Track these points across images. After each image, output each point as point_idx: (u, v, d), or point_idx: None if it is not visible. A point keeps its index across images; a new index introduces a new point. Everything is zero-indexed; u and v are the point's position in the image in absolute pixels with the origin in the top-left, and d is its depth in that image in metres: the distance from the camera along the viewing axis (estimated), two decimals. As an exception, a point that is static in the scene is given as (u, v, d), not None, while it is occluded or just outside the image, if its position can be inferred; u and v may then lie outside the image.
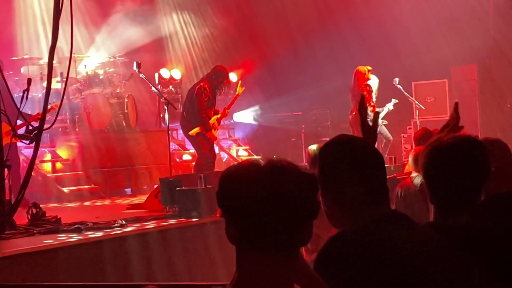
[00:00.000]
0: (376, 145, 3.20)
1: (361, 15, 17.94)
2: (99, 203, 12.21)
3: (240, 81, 13.22)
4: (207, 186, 8.61)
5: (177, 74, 17.66)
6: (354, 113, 13.20)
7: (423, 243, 2.55)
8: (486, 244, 2.72)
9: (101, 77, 14.98)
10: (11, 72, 13.40)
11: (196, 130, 11.55)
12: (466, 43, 17.47)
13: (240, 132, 18.84)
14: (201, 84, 11.67)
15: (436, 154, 2.93)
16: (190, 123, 11.64)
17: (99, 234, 7.39)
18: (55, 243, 6.84)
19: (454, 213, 2.86)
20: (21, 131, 8.39)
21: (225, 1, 18.80)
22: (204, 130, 11.55)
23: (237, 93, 12.37)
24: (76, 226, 7.65)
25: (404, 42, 17.66)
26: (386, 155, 12.44)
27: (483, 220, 2.79)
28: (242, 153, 17.27)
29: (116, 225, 7.81)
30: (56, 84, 13.49)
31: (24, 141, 8.18)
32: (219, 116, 11.89)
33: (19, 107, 7.71)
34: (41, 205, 8.16)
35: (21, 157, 11.95)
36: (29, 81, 8.10)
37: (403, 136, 16.40)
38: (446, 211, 2.89)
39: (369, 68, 13.32)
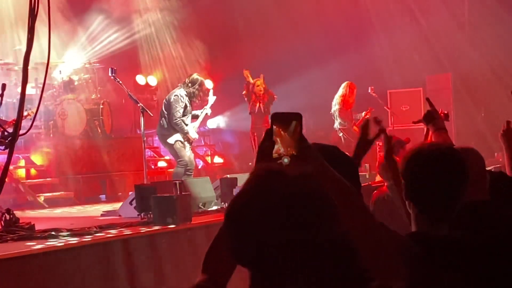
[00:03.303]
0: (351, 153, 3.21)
1: (336, 23, 18.01)
2: (73, 209, 12.13)
3: (211, 90, 13.24)
4: (182, 193, 8.59)
5: (153, 80, 17.63)
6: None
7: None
8: (467, 255, 2.72)
9: (76, 83, 14.91)
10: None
11: (174, 137, 11.52)
12: (441, 52, 17.60)
13: (215, 138, 18.82)
14: (178, 92, 11.66)
15: (419, 163, 2.94)
16: (167, 131, 11.61)
17: (73, 241, 7.35)
18: (28, 250, 6.79)
19: (437, 222, 2.87)
20: (-4, 136, 8.32)
21: (202, 7, 18.78)
22: (182, 134, 11.53)
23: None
24: (49, 232, 7.60)
25: (380, 50, 17.76)
26: (361, 163, 12.49)
27: (461, 230, 2.80)
28: (218, 160, 17.26)
29: (90, 232, 7.77)
30: (31, 90, 13.40)
31: (-2, 146, 8.11)
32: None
33: (-7, 112, 7.65)
34: (14, 212, 8.09)
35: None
36: (3, 86, 8.01)
37: (378, 144, 16.42)
38: (430, 221, 2.89)
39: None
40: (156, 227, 8.25)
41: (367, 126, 3.26)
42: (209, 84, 16.50)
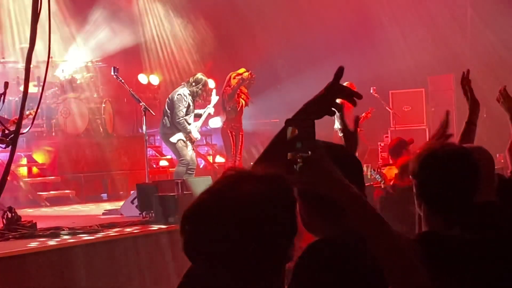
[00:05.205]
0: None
1: (337, 24, 18.00)
2: (75, 208, 12.13)
3: (214, 90, 13.19)
4: (184, 192, 8.59)
5: (155, 79, 17.62)
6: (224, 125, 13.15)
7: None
8: (479, 256, 2.72)
9: (78, 81, 14.91)
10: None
11: (177, 136, 11.53)
12: (443, 52, 17.59)
13: (217, 138, 18.80)
14: (181, 91, 11.67)
15: (432, 163, 2.93)
16: (170, 130, 11.62)
17: (74, 239, 7.35)
18: (30, 248, 6.80)
19: (450, 222, 2.86)
20: (-3, 135, 8.32)
21: (205, 8, 18.79)
22: (184, 134, 11.54)
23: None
24: (51, 231, 7.61)
25: (382, 51, 17.76)
26: (362, 163, 12.48)
27: (472, 230, 2.80)
28: (219, 159, 17.25)
29: (92, 230, 7.78)
30: (33, 88, 13.39)
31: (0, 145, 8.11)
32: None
33: (-5, 111, 7.65)
34: (16, 210, 8.10)
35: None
36: (6, 85, 8.03)
37: (380, 144, 16.45)
38: (443, 221, 2.89)
39: (241, 71, 13.10)
40: (158, 226, 8.26)
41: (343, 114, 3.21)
42: (211, 83, 16.51)
